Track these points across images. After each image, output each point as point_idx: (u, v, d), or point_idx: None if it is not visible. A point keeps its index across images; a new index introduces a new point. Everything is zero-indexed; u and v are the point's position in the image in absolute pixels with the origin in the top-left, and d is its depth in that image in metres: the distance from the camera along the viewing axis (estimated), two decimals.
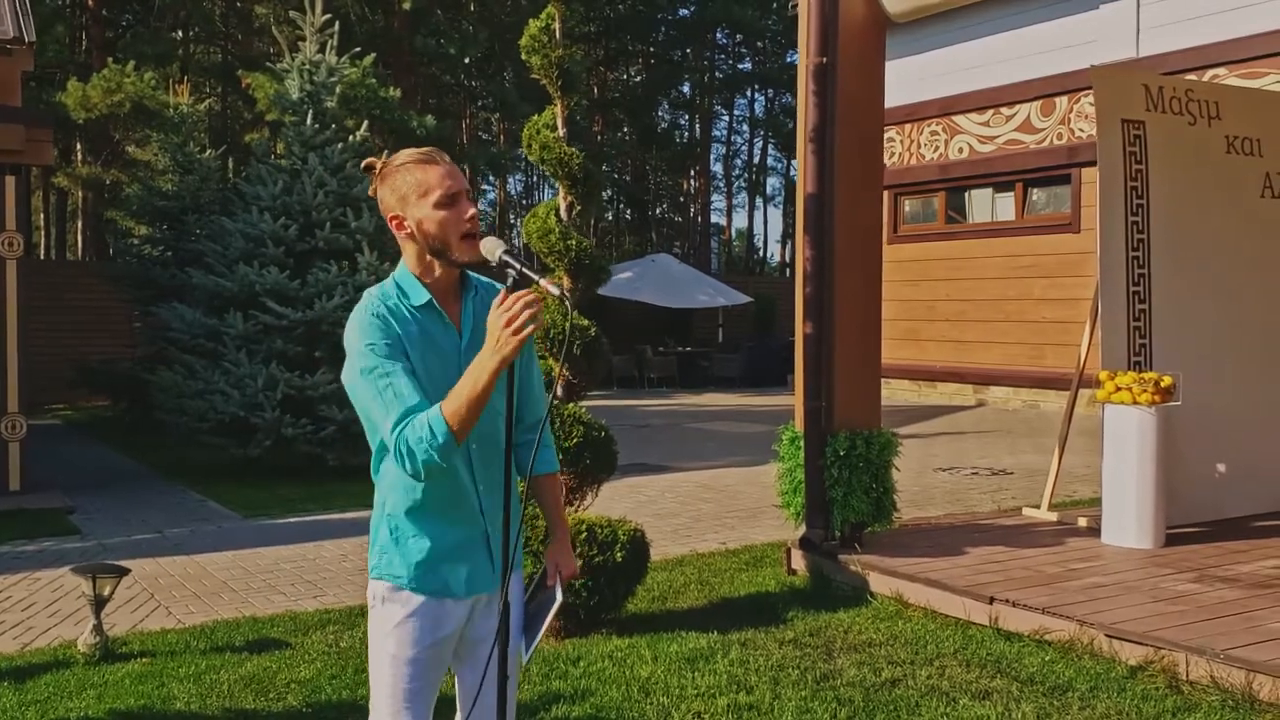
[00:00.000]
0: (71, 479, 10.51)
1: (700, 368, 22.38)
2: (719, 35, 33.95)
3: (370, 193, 2.52)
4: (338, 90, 11.04)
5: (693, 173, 35.71)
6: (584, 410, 5.24)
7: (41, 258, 27.85)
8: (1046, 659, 4.81)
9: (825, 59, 5.94)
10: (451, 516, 2.46)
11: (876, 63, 6.26)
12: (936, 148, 17.57)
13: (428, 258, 2.43)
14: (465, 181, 2.46)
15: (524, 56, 5.28)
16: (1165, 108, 6.70)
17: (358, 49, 13.02)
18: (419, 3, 20.42)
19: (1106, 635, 4.74)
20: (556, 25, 5.29)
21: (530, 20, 5.31)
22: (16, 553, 7.52)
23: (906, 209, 18.44)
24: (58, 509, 8.92)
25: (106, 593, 5.20)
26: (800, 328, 6.16)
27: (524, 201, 39.90)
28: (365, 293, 2.48)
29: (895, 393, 18.08)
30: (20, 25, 8.63)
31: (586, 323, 5.19)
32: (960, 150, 17.18)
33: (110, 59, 17.80)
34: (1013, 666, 4.75)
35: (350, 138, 11.14)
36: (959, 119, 17.16)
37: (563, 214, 5.28)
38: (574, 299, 5.31)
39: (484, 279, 2.59)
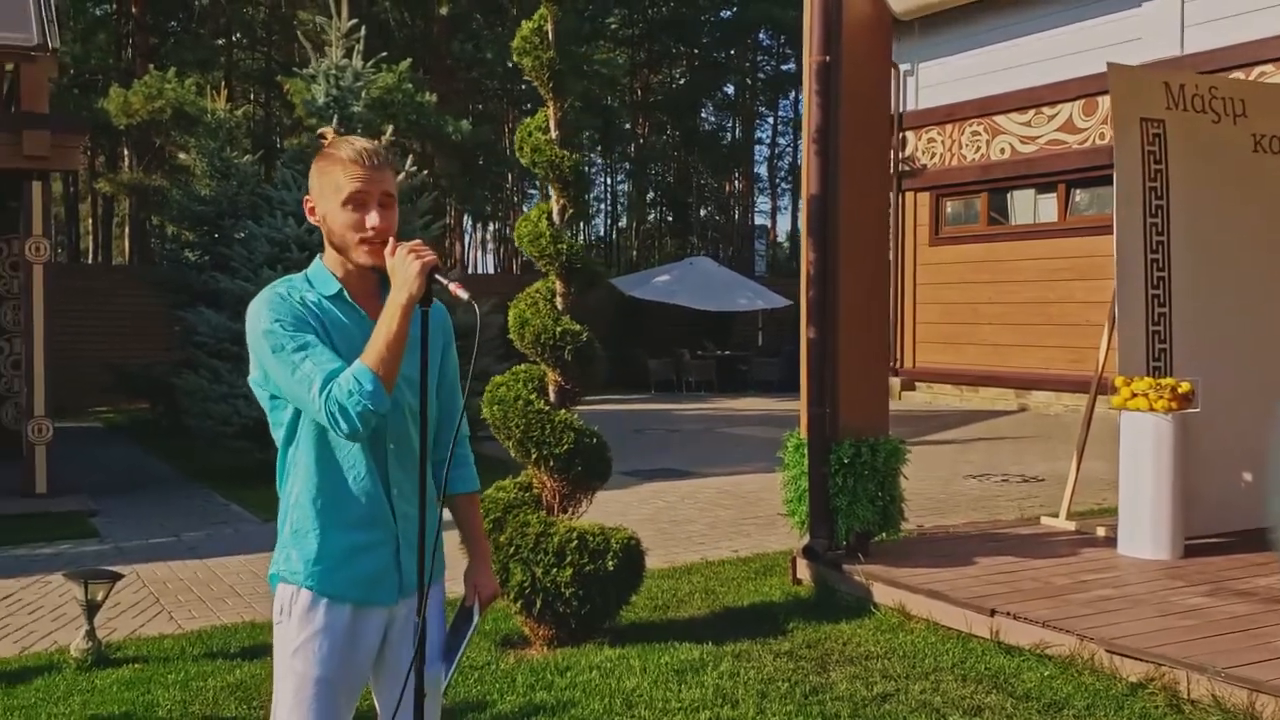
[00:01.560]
0: (101, 481, 10.63)
1: (739, 371, 22.20)
2: (762, 36, 33.78)
3: None
4: (364, 95, 11.06)
5: (736, 175, 35.53)
6: (575, 417, 5.16)
7: (88, 262, 28.39)
8: (1045, 674, 4.65)
9: (829, 57, 5.81)
10: (356, 516, 2.37)
11: (882, 61, 6.13)
12: (978, 148, 17.30)
13: (335, 253, 2.40)
14: (387, 186, 2.37)
15: (515, 58, 5.22)
16: (1187, 106, 6.49)
17: (384, 54, 13.05)
18: (457, 8, 20.50)
19: (1107, 651, 4.57)
20: (549, 27, 5.22)
21: (523, 22, 5.25)
22: (33, 555, 7.59)
23: (948, 211, 18.19)
24: (80, 512, 9.01)
25: (99, 598, 5.21)
26: (804, 332, 6.04)
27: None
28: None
29: (937, 397, 17.84)
30: (45, 32, 8.74)
31: (579, 327, 5.11)
32: (1002, 151, 16.89)
33: (152, 66, 18.06)
34: (1010, 682, 4.60)
35: (376, 143, 11.14)
36: (1000, 119, 16.88)
37: (555, 218, 5.21)
38: (566, 303, 5.22)
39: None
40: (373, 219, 2.32)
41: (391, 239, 2.31)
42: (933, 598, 5.38)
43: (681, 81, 35.67)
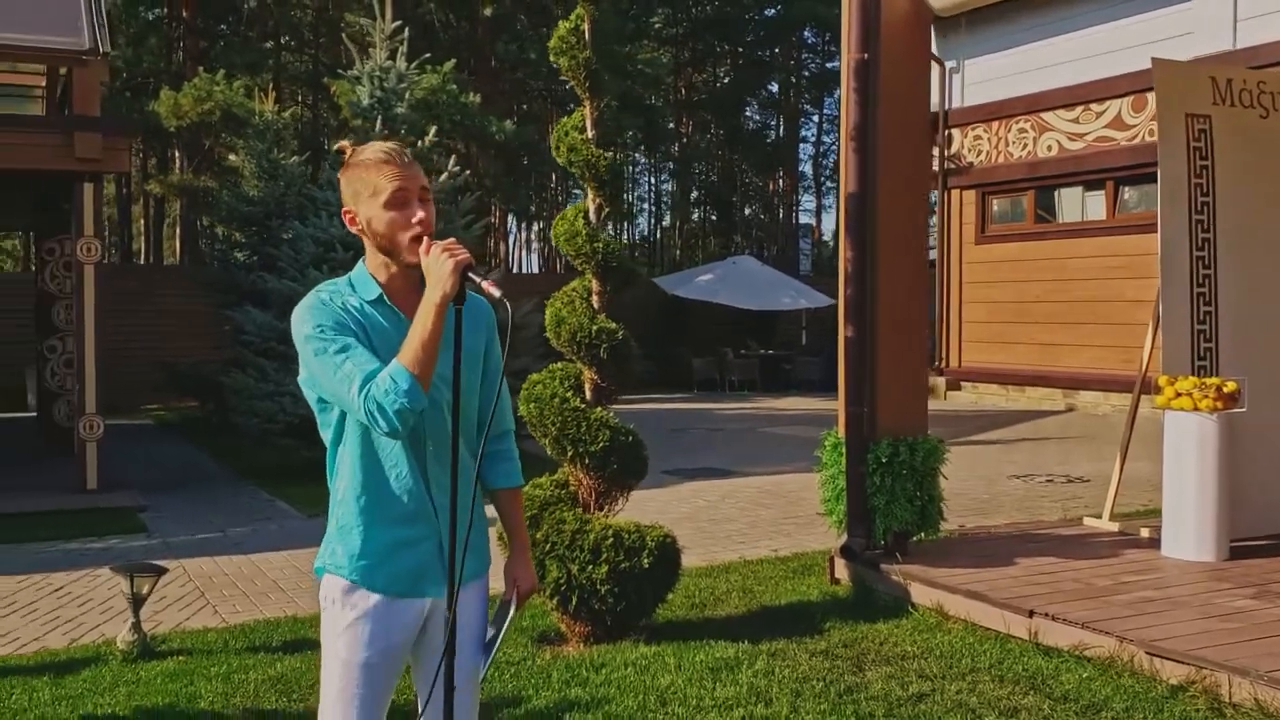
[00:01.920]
0: (151, 478, 10.81)
1: (783, 371, 22.12)
2: (806, 34, 33.64)
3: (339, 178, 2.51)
4: (408, 96, 11.16)
5: (780, 173, 35.38)
6: (611, 415, 5.18)
7: (140, 263, 28.85)
8: (1084, 676, 4.60)
9: (867, 55, 5.79)
10: (399, 512, 2.43)
11: (921, 58, 6.09)
12: (1025, 145, 17.12)
13: (380, 257, 2.44)
14: (422, 181, 2.43)
15: (552, 58, 5.25)
16: (1234, 100, 6.39)
17: (427, 55, 13.15)
18: (501, 9, 20.60)
19: (1147, 653, 4.52)
20: (586, 26, 5.24)
21: (560, 22, 5.28)
22: (84, 550, 7.74)
23: (994, 209, 18.02)
24: (130, 508, 9.17)
25: (144, 591, 5.31)
26: (841, 331, 6.02)
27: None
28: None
29: (983, 397, 17.69)
30: (96, 37, 8.90)
31: (614, 326, 5.13)
32: (1049, 148, 16.71)
33: (201, 69, 18.34)
34: (1048, 683, 4.56)
35: (419, 143, 11.25)
36: (1047, 116, 16.69)
37: (591, 216, 5.23)
38: (603, 301, 5.24)
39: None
40: (419, 213, 2.37)
41: (426, 238, 2.35)
42: (971, 598, 5.34)
43: (725, 80, 35.60)
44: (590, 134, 5.23)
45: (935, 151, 18.64)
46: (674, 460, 11.67)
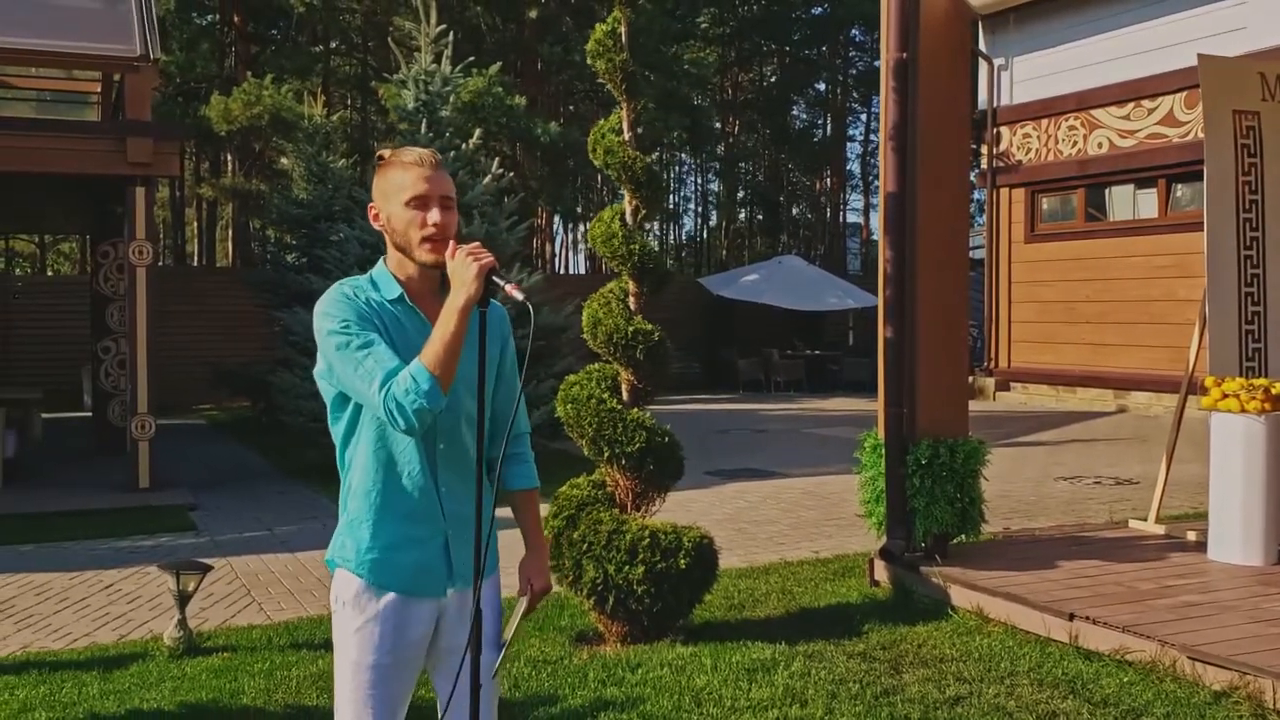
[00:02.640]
0: (202, 477, 10.99)
1: (830, 371, 22.01)
2: (854, 32, 33.43)
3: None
4: (452, 99, 11.24)
5: (827, 172, 35.21)
6: (648, 416, 5.20)
7: (193, 265, 29.33)
8: (1125, 680, 4.55)
9: (905, 54, 5.76)
10: (410, 509, 2.47)
11: (961, 56, 6.04)
12: (1074, 143, 16.91)
13: (398, 254, 2.50)
14: (446, 189, 2.47)
15: (589, 60, 5.28)
16: None
17: (472, 58, 13.25)
18: (546, 11, 20.69)
19: (1189, 658, 4.46)
20: (623, 29, 5.26)
21: (597, 24, 5.30)
22: (134, 547, 7.89)
23: (1044, 207, 17.81)
24: (180, 506, 9.32)
25: (190, 589, 5.40)
26: (881, 331, 6.00)
27: (666, 206, 40.04)
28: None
29: (1032, 398, 17.50)
30: (147, 43, 9.06)
31: (650, 327, 5.15)
32: (1099, 145, 16.50)
33: (250, 73, 18.61)
34: (1088, 687, 4.51)
35: (463, 145, 11.33)
36: (1098, 113, 16.48)
37: (628, 219, 5.25)
38: (639, 303, 5.26)
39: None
40: (434, 216, 2.42)
41: (452, 241, 2.39)
42: (1011, 600, 5.30)
43: (772, 79, 35.47)
44: (627, 136, 5.24)
45: (984, 150, 18.50)
46: (717, 461, 11.66)
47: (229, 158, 24.69)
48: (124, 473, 10.09)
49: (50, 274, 28.27)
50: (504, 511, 2.63)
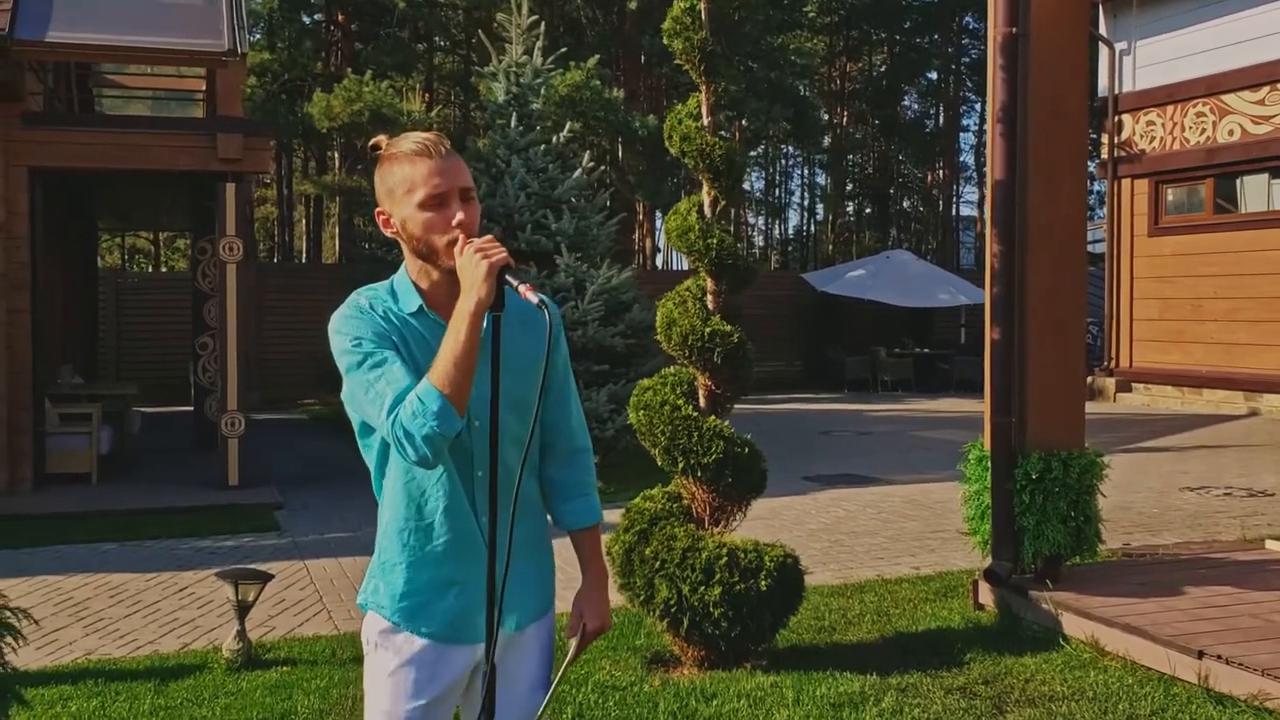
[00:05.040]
0: (293, 473, 10.93)
1: (939, 370, 21.23)
2: (967, 19, 32.36)
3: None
4: (543, 91, 10.98)
5: (939, 164, 34.17)
6: (727, 424, 4.81)
7: (299, 262, 29.81)
8: None
9: (1015, 29, 5.25)
10: (446, 548, 2.16)
11: (1078, 31, 5.50)
12: (1203, 130, 15.96)
13: (419, 262, 2.17)
14: (463, 179, 2.13)
15: (665, 40, 4.92)
16: None
17: (564, 50, 12.97)
18: (646, 2, 20.36)
19: None
20: (702, 6, 4.88)
21: (675, 3, 4.93)
22: (215, 548, 7.79)
23: (1169, 198, 16.87)
24: (267, 505, 9.23)
25: (250, 598, 5.20)
26: (988, 333, 5.51)
27: (766, 199, 39.45)
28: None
29: (1155, 400, 16.60)
30: (235, 39, 8.98)
31: (729, 328, 4.76)
32: (1230, 132, 15.53)
33: (349, 70, 18.69)
34: None
35: (553, 139, 11.07)
36: (1228, 98, 15.51)
37: (706, 210, 4.87)
38: (718, 302, 4.87)
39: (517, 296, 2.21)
40: (457, 215, 2.08)
41: (461, 237, 2.05)
42: (1130, 633, 4.77)
43: (882, 68, 34.59)
44: (706, 121, 4.87)
45: (1104, 139, 17.60)
46: (815, 465, 11.19)
47: (335, 155, 24.97)
48: (216, 469, 10.06)
49: (164, 270, 29.00)
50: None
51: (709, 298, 4.88)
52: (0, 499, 9.20)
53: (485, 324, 1.99)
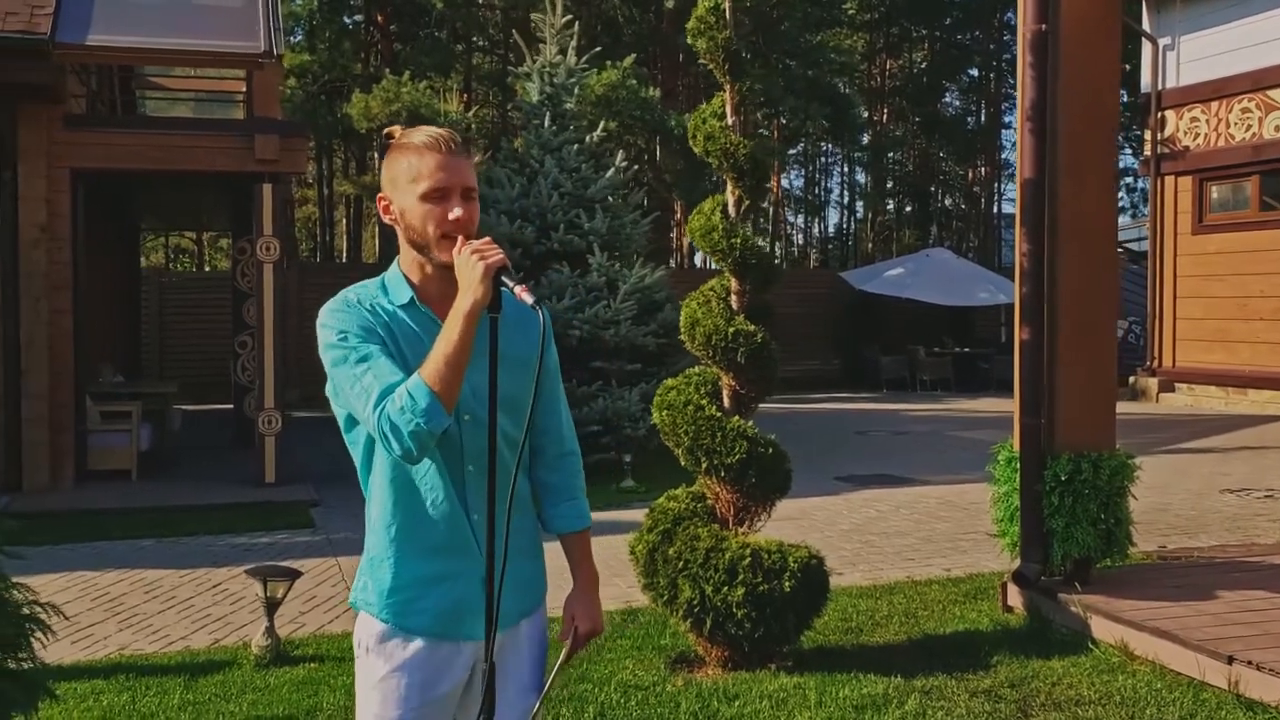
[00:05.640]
0: (331, 470, 10.98)
1: (979, 370, 21.02)
2: (1009, 15, 32.02)
3: None
4: (577, 91, 11.01)
5: (980, 161, 33.85)
6: (750, 424, 4.80)
7: (339, 261, 30.08)
8: None
9: (1045, 25, 5.19)
10: (435, 543, 2.17)
11: (1109, 27, 5.43)
12: (1249, 126, 15.71)
13: (413, 253, 2.19)
14: (467, 178, 2.14)
15: (689, 40, 4.92)
16: None
17: (598, 49, 12.98)
18: (683, 1, 20.33)
19: None
20: (727, 5, 4.87)
21: (700, 2, 4.92)
22: (250, 544, 7.88)
23: (1213, 196, 16.62)
24: (303, 501, 9.32)
25: (279, 595, 5.25)
26: (1017, 333, 5.45)
27: (806, 197, 39.29)
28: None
29: (1199, 400, 16.36)
30: (271, 40, 9.08)
31: (753, 328, 4.74)
32: (1277, 128, 15.26)
33: (387, 70, 18.83)
34: None
35: (587, 139, 11.08)
36: (1275, 93, 15.27)
37: (730, 210, 4.86)
38: (741, 302, 4.86)
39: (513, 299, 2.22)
40: (456, 211, 2.10)
41: (460, 237, 2.07)
42: (1160, 637, 4.71)
43: (922, 65, 34.32)
44: (730, 120, 4.85)
45: (1147, 135, 17.36)
46: (849, 466, 11.13)
47: (374, 155, 25.16)
48: (253, 467, 10.16)
49: (207, 270, 29.36)
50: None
51: (733, 297, 4.87)
52: (43, 495, 9.36)
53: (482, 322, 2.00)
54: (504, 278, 1.99)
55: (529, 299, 1.97)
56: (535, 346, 2.20)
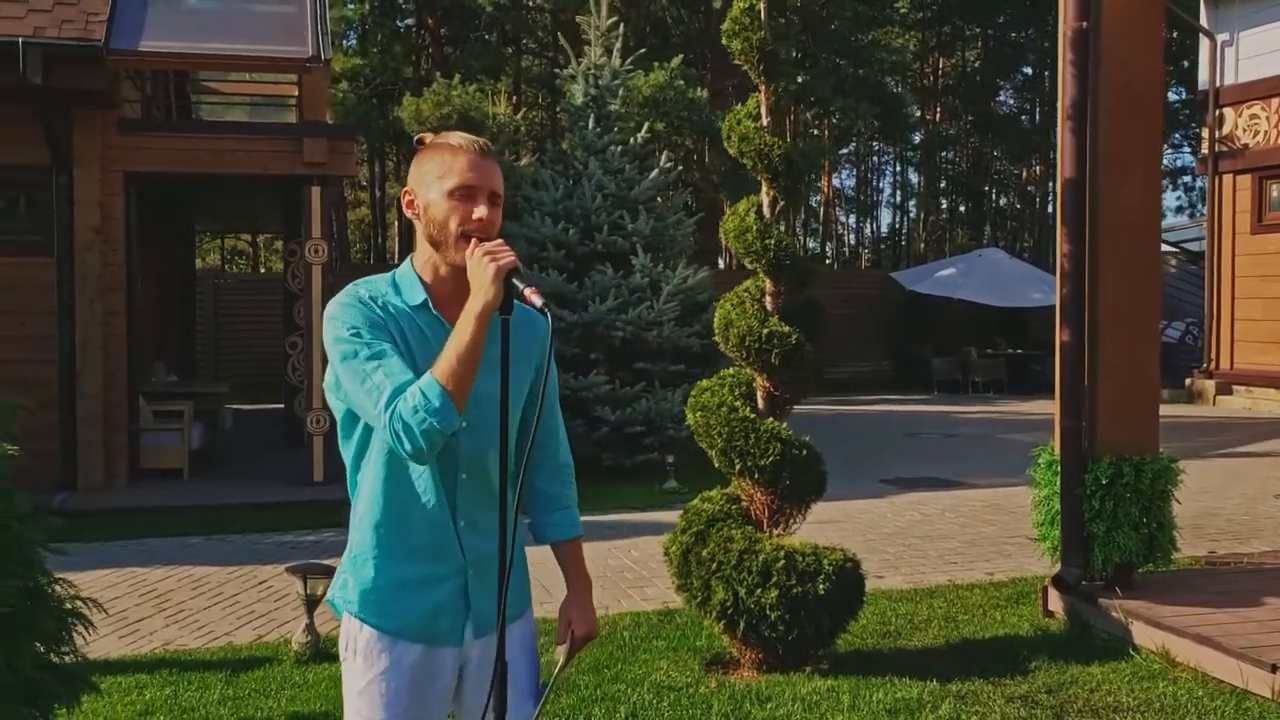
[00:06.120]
0: None
1: (1032, 371, 20.74)
2: None
3: None
4: (622, 93, 11.03)
5: (1035, 160, 33.40)
6: (784, 426, 4.78)
7: (393, 263, 30.30)
8: None
9: (1086, 23, 5.12)
10: (419, 546, 2.18)
11: (1151, 23, 5.34)
12: None
13: (429, 252, 2.19)
14: (495, 183, 2.16)
15: (724, 40, 4.91)
16: None
17: (642, 50, 13.01)
18: (728, 2, 20.34)
19: None
20: (761, 6, 4.86)
21: (735, 3, 4.92)
22: (296, 542, 7.98)
23: (1273, 194, 16.27)
24: (348, 501, 9.39)
25: (319, 592, 5.31)
26: (1058, 334, 5.38)
27: (858, 197, 39.03)
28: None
29: (1258, 403, 16.03)
30: (319, 45, 9.19)
31: (787, 329, 4.73)
32: None
33: (438, 73, 18.95)
34: None
35: (631, 140, 11.10)
36: None
37: (765, 211, 4.85)
38: (776, 303, 4.85)
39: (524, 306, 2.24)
40: (480, 211, 2.11)
41: (475, 239, 2.09)
42: (1202, 643, 4.63)
43: (976, 64, 33.93)
44: (765, 121, 4.84)
45: (1205, 133, 17.04)
46: (896, 468, 11.04)
47: None
48: (302, 466, 10.30)
49: (262, 271, 29.77)
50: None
51: (767, 299, 4.86)
52: (96, 493, 9.56)
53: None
54: (514, 280, 2.01)
55: (538, 301, 1.98)
56: (535, 350, 2.24)
